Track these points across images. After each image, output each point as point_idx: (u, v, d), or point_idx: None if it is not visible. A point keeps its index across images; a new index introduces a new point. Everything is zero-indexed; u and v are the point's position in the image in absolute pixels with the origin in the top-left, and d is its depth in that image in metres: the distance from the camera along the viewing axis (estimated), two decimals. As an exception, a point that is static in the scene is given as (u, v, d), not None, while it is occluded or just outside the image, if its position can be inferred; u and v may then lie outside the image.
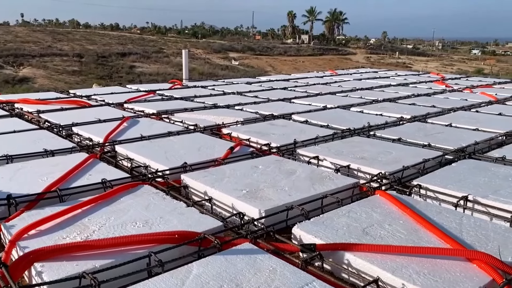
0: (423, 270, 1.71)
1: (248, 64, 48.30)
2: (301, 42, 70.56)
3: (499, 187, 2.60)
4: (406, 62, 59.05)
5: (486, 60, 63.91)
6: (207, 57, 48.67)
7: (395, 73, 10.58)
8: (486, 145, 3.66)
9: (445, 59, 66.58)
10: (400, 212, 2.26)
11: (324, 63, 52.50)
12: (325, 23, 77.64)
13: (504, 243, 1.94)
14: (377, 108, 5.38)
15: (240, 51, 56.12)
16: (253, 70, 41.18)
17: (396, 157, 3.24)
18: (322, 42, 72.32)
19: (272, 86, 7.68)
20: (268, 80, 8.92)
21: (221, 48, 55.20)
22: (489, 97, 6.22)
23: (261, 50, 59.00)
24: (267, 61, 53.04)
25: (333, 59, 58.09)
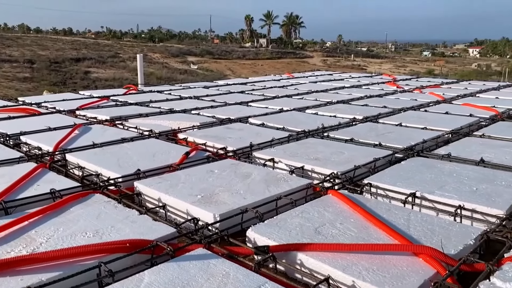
0: (372, 267, 1.76)
1: (207, 68, 48.11)
2: (259, 46, 71.10)
3: (444, 183, 2.72)
4: (361, 64, 60.78)
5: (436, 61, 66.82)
6: (165, 61, 48.05)
7: (349, 75, 10.86)
8: (433, 143, 3.82)
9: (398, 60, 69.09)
10: (351, 210, 2.32)
11: (283, 66, 53.12)
12: (282, 27, 78.66)
13: (447, 236, 2.03)
14: (331, 109, 5.50)
15: (198, 55, 55.83)
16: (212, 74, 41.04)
17: (348, 157, 3.32)
18: (280, 45, 73.18)
19: (230, 90, 7.68)
20: (226, 84, 8.92)
21: (179, 52, 54.70)
22: (437, 97, 6.50)
23: (220, 54, 58.98)
24: (226, 65, 53.06)
25: (291, 62, 58.92)
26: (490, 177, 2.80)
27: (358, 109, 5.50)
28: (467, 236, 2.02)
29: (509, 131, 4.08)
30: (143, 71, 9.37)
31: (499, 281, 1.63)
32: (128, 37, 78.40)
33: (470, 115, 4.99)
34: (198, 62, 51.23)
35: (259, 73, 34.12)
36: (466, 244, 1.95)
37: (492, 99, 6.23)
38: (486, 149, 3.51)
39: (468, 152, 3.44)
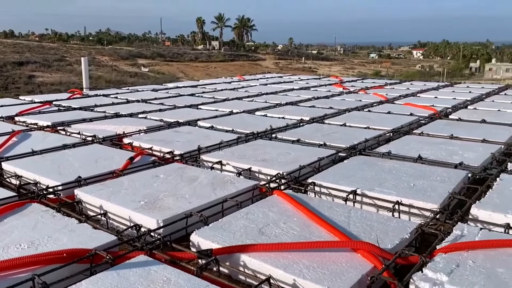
0: (313, 264, 1.79)
1: (158, 71, 47.33)
2: (211, 48, 70.91)
3: (384, 180, 2.82)
4: (312, 67, 62.09)
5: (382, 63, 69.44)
6: (115, 64, 46.80)
7: (298, 77, 11.05)
8: (375, 141, 3.97)
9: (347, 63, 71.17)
10: (295, 210, 2.36)
11: (236, 68, 53.26)
12: (234, 30, 78.86)
13: (385, 231, 2.11)
14: (280, 111, 5.57)
15: (149, 57, 54.83)
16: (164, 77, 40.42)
17: (295, 157, 3.38)
18: (233, 48, 73.34)
19: (179, 93, 7.60)
20: (176, 86, 8.81)
21: (129, 55, 53.46)
22: (380, 97, 6.75)
23: (172, 56, 58.22)
24: (178, 67, 52.44)
25: (244, 64, 59.21)
26: (427, 173, 2.94)
27: (306, 111, 5.61)
28: (403, 230, 2.11)
29: (446, 129, 4.31)
30: (91, 74, 9.07)
31: (431, 272, 1.71)
32: (75, 40, 75.65)
33: (411, 114, 5.22)
34: (149, 64, 50.32)
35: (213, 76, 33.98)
36: (402, 238, 2.04)
37: (432, 99, 6.56)
38: (424, 147, 3.68)
39: (407, 149, 3.60)
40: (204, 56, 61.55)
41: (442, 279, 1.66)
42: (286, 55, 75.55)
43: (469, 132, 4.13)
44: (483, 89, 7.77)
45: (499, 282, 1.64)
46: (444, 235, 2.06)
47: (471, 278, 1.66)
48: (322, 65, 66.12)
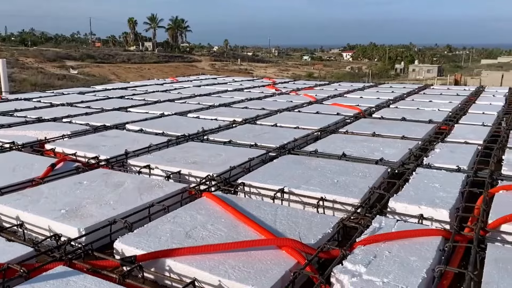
0: (239, 264, 1.81)
1: (89, 73, 45.30)
2: (145, 49, 69.13)
3: (310, 177, 2.91)
4: (248, 68, 62.59)
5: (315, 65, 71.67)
6: (40, 66, 44.09)
7: (233, 79, 11.10)
8: (304, 141, 4.08)
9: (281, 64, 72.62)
10: (223, 211, 2.36)
11: (171, 70, 52.33)
12: (168, 31, 77.47)
13: (309, 227, 2.18)
14: (213, 113, 5.56)
15: (78, 59, 52.35)
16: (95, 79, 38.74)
17: (225, 158, 3.39)
18: (167, 49, 72.01)
19: (108, 96, 7.32)
20: (104, 89, 8.48)
21: (56, 56, 50.67)
22: (310, 98, 6.97)
23: (103, 57, 56.00)
24: (110, 69, 50.53)
25: (179, 66, 58.34)
26: (350, 170, 3.07)
27: (239, 112, 5.64)
28: (326, 225, 2.19)
29: (369, 127, 4.53)
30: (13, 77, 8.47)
31: (350, 264, 1.79)
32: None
33: (337, 114, 5.44)
34: (79, 66, 48.00)
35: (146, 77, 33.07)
36: (324, 233, 2.11)
37: (357, 99, 6.87)
38: (348, 144, 3.85)
39: (333, 147, 3.74)
40: (137, 57, 59.84)
41: (361, 270, 1.75)
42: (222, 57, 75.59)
43: (390, 130, 4.38)
44: (404, 89, 8.28)
45: (411, 269, 1.75)
46: (363, 228, 2.16)
47: (386, 268, 1.76)
48: (258, 67, 66.89)
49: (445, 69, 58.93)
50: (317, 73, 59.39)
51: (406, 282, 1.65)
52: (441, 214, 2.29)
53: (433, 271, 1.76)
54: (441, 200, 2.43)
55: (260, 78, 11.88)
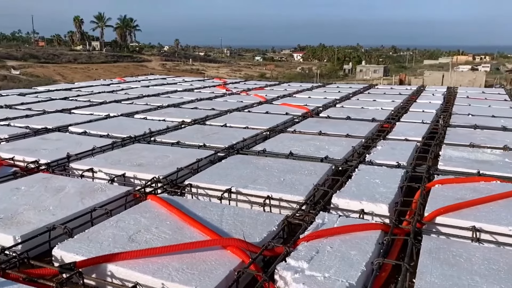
0: (183, 266, 1.79)
1: (32, 74, 43.13)
2: (92, 49, 66.80)
3: (257, 176, 2.94)
4: (200, 69, 62.07)
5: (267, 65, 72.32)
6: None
7: (183, 79, 10.97)
8: (253, 140, 4.11)
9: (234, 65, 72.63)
10: (169, 213, 2.33)
11: (120, 70, 50.90)
12: (116, 30, 75.24)
13: (255, 225, 2.20)
14: (161, 114, 5.47)
15: (20, 59, 49.75)
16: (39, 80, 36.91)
17: (173, 160, 3.34)
18: (115, 49, 69.97)
19: (51, 97, 7.01)
20: (47, 90, 8.11)
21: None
22: (260, 98, 7.02)
23: (47, 57, 53.55)
24: (55, 70, 48.40)
25: (129, 66, 56.86)
26: (296, 168, 3.13)
27: (188, 112, 5.59)
28: (271, 223, 2.22)
29: (316, 126, 4.63)
30: None
31: (293, 261, 1.82)
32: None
33: (286, 113, 5.52)
34: (21, 66, 45.60)
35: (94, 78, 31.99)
36: (269, 231, 2.14)
37: (306, 99, 7.00)
38: (295, 143, 3.92)
39: (281, 147, 3.79)
40: (84, 57, 57.72)
41: (303, 266, 1.78)
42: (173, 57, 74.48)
43: (335, 129, 4.50)
44: (350, 89, 8.53)
45: (351, 263, 1.81)
46: (307, 225, 2.21)
47: (328, 263, 1.81)
48: (210, 67, 66.46)
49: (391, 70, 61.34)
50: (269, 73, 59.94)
51: (346, 276, 1.71)
52: (381, 208, 2.38)
53: (372, 264, 1.82)
54: (381, 195, 2.53)
55: (211, 78, 11.82)
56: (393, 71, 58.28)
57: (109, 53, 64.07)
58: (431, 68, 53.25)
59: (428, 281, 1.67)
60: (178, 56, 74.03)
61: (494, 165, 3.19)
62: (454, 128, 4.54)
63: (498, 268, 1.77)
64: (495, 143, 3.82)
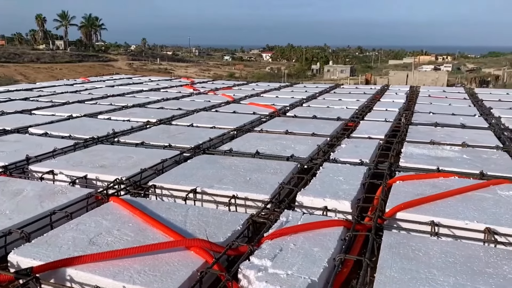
0: (145, 268, 1.76)
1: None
2: (56, 48, 64.86)
3: (223, 176, 2.93)
4: (168, 68, 61.37)
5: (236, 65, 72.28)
6: None
7: (149, 78, 10.81)
8: (219, 140, 4.09)
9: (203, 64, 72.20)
10: (131, 215, 2.29)
11: (85, 70, 49.69)
12: (81, 29, 73.37)
13: (219, 225, 2.19)
14: (126, 114, 5.37)
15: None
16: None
17: (137, 161, 3.28)
18: (80, 48, 68.24)
19: (10, 97, 6.76)
20: (7, 90, 7.81)
21: (-50, 55, 45.79)
22: (227, 98, 7.00)
23: (7, 57, 51.63)
24: (16, 69, 46.75)
25: (94, 65, 55.58)
26: (262, 167, 3.14)
27: (153, 112, 5.51)
28: (236, 222, 2.21)
29: (283, 125, 4.66)
30: None
31: (257, 259, 1.82)
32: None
33: (253, 113, 5.53)
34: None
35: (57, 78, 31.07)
36: (234, 230, 2.13)
37: (273, 98, 7.03)
38: (262, 142, 3.93)
39: (247, 146, 3.79)
40: (47, 56, 55.98)
41: (266, 264, 1.79)
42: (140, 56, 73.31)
43: (301, 128, 4.54)
44: (317, 88, 8.63)
45: (314, 259, 1.83)
46: (272, 223, 2.22)
47: (291, 260, 1.83)
48: (178, 66, 65.77)
49: (357, 70, 62.54)
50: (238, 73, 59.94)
51: (309, 273, 1.72)
52: (344, 205, 2.42)
53: (334, 260, 1.85)
54: (344, 192, 2.57)
55: (178, 78, 11.70)
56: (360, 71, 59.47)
57: (74, 52, 62.40)
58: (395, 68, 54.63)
59: (388, 276, 1.71)
60: (146, 55, 72.94)
61: (453, 161, 3.31)
62: (416, 126, 4.67)
63: (454, 260, 1.84)
64: (454, 140, 3.96)
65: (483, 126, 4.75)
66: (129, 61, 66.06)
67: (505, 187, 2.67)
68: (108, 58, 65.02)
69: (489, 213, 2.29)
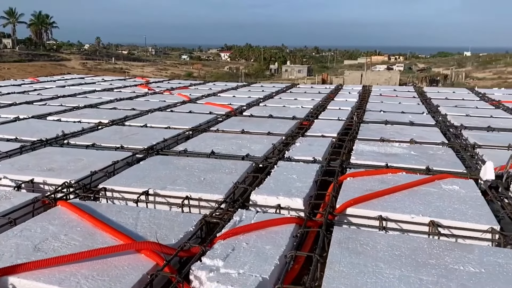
0: (93, 273, 1.72)
1: None
2: (3, 47, 61.73)
3: (177, 177, 2.89)
4: (124, 68, 59.94)
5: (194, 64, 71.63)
6: None
7: (102, 78, 10.51)
8: (174, 140, 4.04)
9: (160, 64, 71.03)
10: (80, 219, 2.22)
11: (36, 70, 47.62)
12: (31, 27, 70.22)
13: (172, 227, 2.16)
14: (77, 115, 5.20)
15: None
16: None
17: (87, 163, 3.19)
18: (30, 47, 65.29)
19: (-51, 99, 6.38)
20: None
21: None
22: (184, 97, 6.93)
23: None
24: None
25: (46, 65, 53.39)
26: (217, 167, 3.13)
27: (106, 113, 5.36)
28: (188, 224, 2.19)
29: (239, 125, 4.66)
30: None
31: (209, 260, 1.82)
32: None
33: (210, 112, 5.50)
34: None
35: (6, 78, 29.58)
36: (186, 232, 2.12)
37: (230, 98, 7.02)
38: (218, 142, 3.92)
39: (203, 146, 3.77)
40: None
41: (218, 264, 1.79)
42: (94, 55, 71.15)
43: (258, 127, 4.56)
44: (274, 88, 8.70)
45: (265, 257, 1.85)
46: (225, 223, 2.21)
47: (243, 259, 1.83)
48: (134, 66, 64.34)
49: (314, 69, 63.63)
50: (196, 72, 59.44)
51: (260, 271, 1.74)
52: (296, 202, 2.46)
53: (286, 257, 1.87)
54: (296, 190, 2.61)
55: (133, 78, 11.45)
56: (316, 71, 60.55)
57: (23, 51, 59.65)
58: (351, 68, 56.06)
59: (337, 271, 1.75)
60: (100, 54, 70.89)
61: (401, 157, 3.43)
62: (367, 124, 4.81)
63: (400, 253, 1.91)
64: (403, 137, 4.11)
65: (430, 123, 4.97)
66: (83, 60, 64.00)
67: (449, 181, 2.81)
68: (60, 57, 62.66)
69: (434, 206, 2.40)
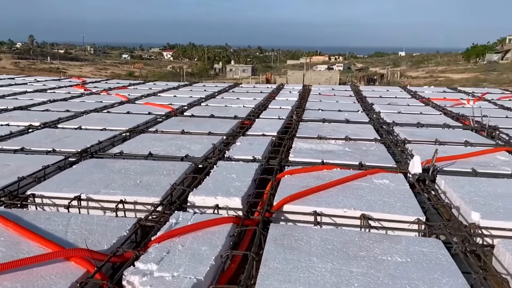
0: (17, 285, 1.62)
1: None
2: None
3: (111, 180, 2.80)
4: (61, 68, 57.23)
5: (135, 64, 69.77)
6: None
7: (35, 79, 9.95)
8: (110, 142, 3.91)
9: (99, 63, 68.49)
10: (3, 228, 2.09)
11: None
12: (-47, 22, 65.11)
13: (104, 232, 2.09)
14: (5, 117, 4.88)
15: None
16: None
17: (14, 168, 3.01)
18: (-47, 45, 60.54)
19: None
20: None
21: None
22: (122, 98, 6.72)
23: None
24: None
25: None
26: (155, 169, 3.06)
27: (37, 115, 5.08)
28: (122, 228, 2.13)
29: (179, 125, 4.60)
30: None
31: (142, 264, 1.77)
32: None
33: (149, 113, 5.38)
34: None
35: None
36: (120, 236, 2.05)
37: (171, 98, 6.91)
38: (156, 143, 3.84)
39: (140, 148, 3.68)
40: None
41: (152, 268, 1.75)
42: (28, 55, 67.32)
43: (198, 127, 4.53)
44: (216, 87, 8.67)
45: (201, 258, 1.83)
46: (161, 226, 2.17)
47: (178, 261, 1.81)
48: (72, 65, 61.55)
49: (258, 69, 64.23)
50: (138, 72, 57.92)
51: (195, 272, 1.72)
52: (234, 202, 2.46)
53: (221, 257, 1.87)
54: (235, 189, 2.62)
55: (68, 78, 10.95)
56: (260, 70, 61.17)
57: None
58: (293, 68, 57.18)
59: (271, 267, 1.78)
60: (34, 54, 67.17)
61: (336, 154, 3.55)
62: (306, 123, 4.93)
63: (332, 247, 1.97)
64: (338, 134, 4.25)
65: (364, 120, 5.18)
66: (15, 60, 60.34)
67: (380, 176, 2.94)
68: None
69: (365, 200, 2.50)
